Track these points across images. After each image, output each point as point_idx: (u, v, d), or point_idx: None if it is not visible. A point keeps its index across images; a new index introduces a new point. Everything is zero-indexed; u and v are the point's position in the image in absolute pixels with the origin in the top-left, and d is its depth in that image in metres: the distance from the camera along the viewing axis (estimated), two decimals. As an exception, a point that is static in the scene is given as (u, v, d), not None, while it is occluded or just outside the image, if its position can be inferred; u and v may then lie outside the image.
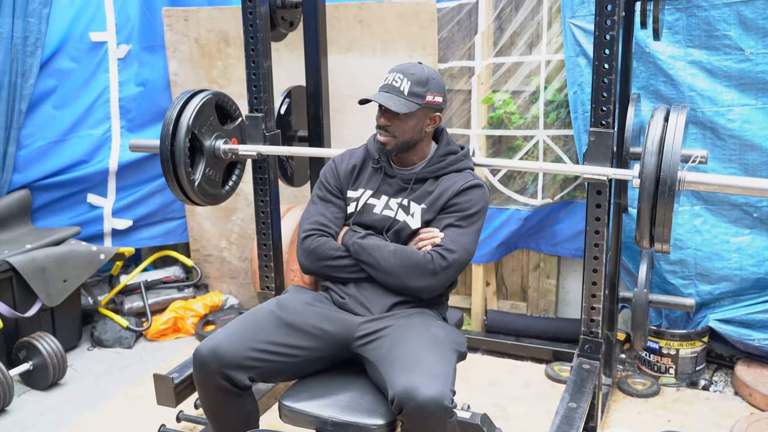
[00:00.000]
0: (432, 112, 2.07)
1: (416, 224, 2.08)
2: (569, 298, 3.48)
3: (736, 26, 2.73)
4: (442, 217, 2.07)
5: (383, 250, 2.04)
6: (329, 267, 2.10)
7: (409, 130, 2.04)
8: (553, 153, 3.19)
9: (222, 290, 3.92)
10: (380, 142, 2.07)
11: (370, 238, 2.09)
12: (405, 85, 2.01)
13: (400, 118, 2.02)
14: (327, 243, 2.11)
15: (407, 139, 2.06)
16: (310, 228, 2.15)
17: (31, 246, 3.20)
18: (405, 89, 2.00)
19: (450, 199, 2.07)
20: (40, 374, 3.03)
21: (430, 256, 2.02)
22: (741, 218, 2.91)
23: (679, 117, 1.97)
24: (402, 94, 2.00)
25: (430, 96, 2.03)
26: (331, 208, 2.19)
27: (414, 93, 2.01)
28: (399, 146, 2.07)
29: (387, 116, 2.04)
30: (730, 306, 2.98)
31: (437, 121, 2.09)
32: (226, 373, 1.90)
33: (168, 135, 2.47)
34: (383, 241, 2.08)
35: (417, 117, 2.04)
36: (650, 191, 1.93)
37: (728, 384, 3.01)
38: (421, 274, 2.02)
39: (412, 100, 2.00)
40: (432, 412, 1.70)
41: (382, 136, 2.06)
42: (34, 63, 3.38)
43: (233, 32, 3.53)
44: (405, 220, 2.09)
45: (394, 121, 2.03)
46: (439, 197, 2.08)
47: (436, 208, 2.08)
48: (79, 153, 3.56)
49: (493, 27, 3.18)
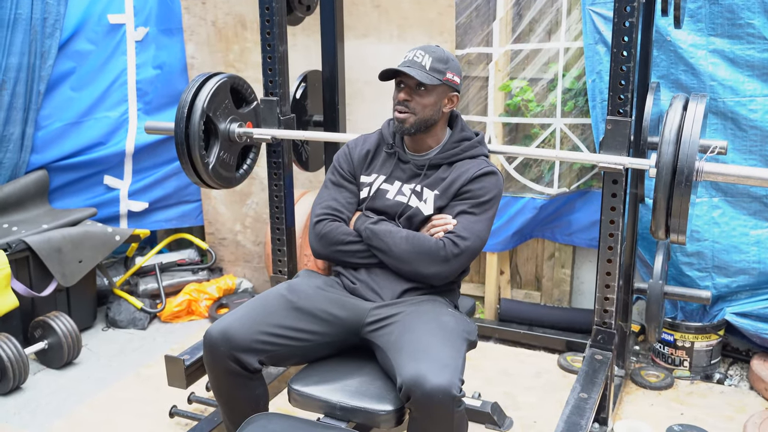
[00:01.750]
0: (450, 91, 2.06)
1: (429, 210, 2.07)
2: (583, 288, 3.45)
3: (761, 14, 2.67)
4: (455, 204, 2.06)
5: (395, 236, 2.04)
6: (340, 252, 2.10)
7: (429, 106, 2.03)
8: (570, 141, 3.15)
9: (236, 274, 3.93)
10: (399, 120, 2.05)
11: (383, 223, 2.08)
12: (427, 60, 2.01)
13: (420, 94, 2.01)
14: (339, 228, 2.11)
15: (426, 116, 2.04)
16: (322, 213, 2.15)
17: (48, 226, 3.23)
18: (427, 65, 2.00)
19: (463, 186, 2.05)
20: (54, 353, 3.07)
21: (442, 242, 2.01)
22: (761, 211, 2.86)
23: (698, 106, 1.94)
24: (424, 69, 2.00)
25: (450, 74, 2.03)
26: (344, 193, 2.18)
27: (435, 69, 2.01)
28: (417, 124, 2.04)
29: (407, 91, 2.03)
30: (748, 299, 2.93)
31: (455, 101, 2.09)
32: (235, 356, 1.90)
33: (183, 117, 2.47)
34: (395, 227, 2.07)
35: (437, 94, 2.03)
36: (667, 181, 1.90)
37: (744, 378, 2.97)
38: (433, 261, 2.01)
39: (434, 75, 2.00)
40: (439, 400, 1.69)
41: (401, 113, 2.04)
42: (52, 44, 3.40)
43: (250, 16, 3.52)
44: (418, 206, 2.08)
45: (414, 97, 2.02)
46: (452, 183, 2.07)
47: (449, 195, 2.07)
48: (96, 135, 3.59)
49: (512, 13, 3.14)
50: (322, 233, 2.12)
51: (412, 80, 2.01)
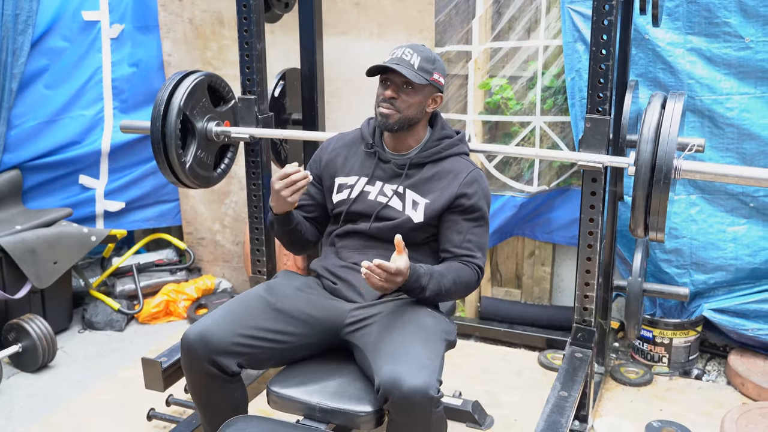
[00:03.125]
0: (435, 91, 2.06)
1: (419, 218, 2.04)
2: (564, 286, 3.46)
3: (737, 13, 2.69)
4: (460, 219, 2.04)
5: (447, 282, 1.98)
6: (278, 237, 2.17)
7: (414, 105, 2.01)
8: (549, 139, 3.16)
9: (215, 274, 3.90)
10: (382, 115, 2.02)
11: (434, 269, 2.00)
12: (415, 59, 1.99)
13: (407, 92, 2.00)
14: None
15: (410, 115, 2.02)
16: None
17: (21, 227, 3.17)
18: (415, 63, 1.99)
19: (457, 198, 2.03)
20: (29, 356, 3.01)
21: (476, 272, 2.02)
22: (737, 208, 2.88)
23: (676, 104, 1.94)
24: (412, 68, 1.98)
25: (436, 74, 2.03)
26: (303, 195, 2.19)
27: (423, 68, 2.00)
28: (400, 122, 2.02)
29: (394, 89, 2.01)
30: (725, 296, 2.96)
31: (438, 102, 2.08)
32: (214, 359, 1.88)
33: (159, 116, 2.43)
34: (441, 271, 1.99)
35: (423, 94, 2.02)
36: (645, 179, 1.91)
37: (721, 374, 3.00)
38: (469, 291, 2.06)
39: (422, 75, 1.99)
40: (417, 401, 1.68)
41: (386, 108, 2.01)
42: (25, 41, 3.33)
43: (228, 13, 3.48)
44: (405, 211, 2.05)
45: (400, 95, 2.00)
46: (443, 192, 2.04)
47: (443, 204, 2.03)
48: (71, 133, 3.53)
49: (491, 11, 3.14)
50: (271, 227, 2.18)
51: (399, 78, 1.99)
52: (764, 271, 2.88)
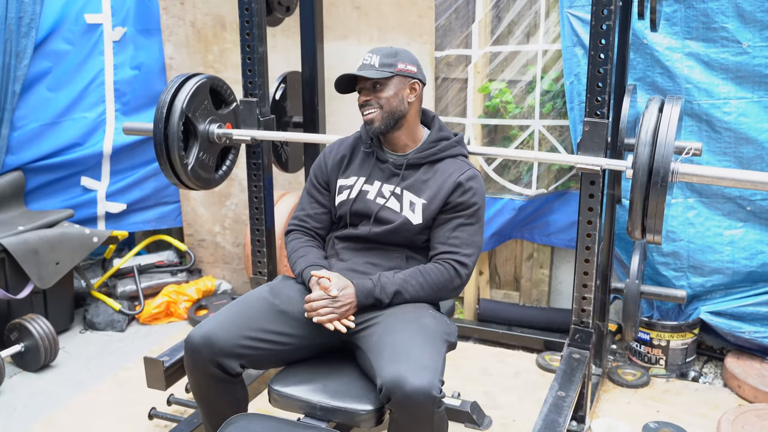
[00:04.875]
0: (408, 80, 2.08)
1: (418, 220, 2.06)
2: (562, 289, 3.49)
3: (734, 18, 2.72)
4: (450, 217, 2.06)
5: (410, 290, 2.01)
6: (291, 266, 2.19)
7: (391, 98, 2.05)
8: (548, 143, 3.19)
9: (215, 275, 3.91)
10: (367, 122, 2.07)
11: (389, 280, 2.02)
12: (375, 60, 2.05)
13: (378, 90, 2.04)
14: (293, 247, 2.19)
15: (392, 108, 2.05)
16: (292, 223, 2.25)
17: (24, 228, 3.19)
18: (376, 63, 2.05)
19: (450, 195, 2.05)
20: (31, 356, 3.03)
21: (452, 271, 2.02)
22: (734, 211, 2.91)
23: (673, 108, 1.97)
24: (373, 68, 2.04)
25: (401, 64, 2.06)
26: (313, 204, 2.24)
27: (385, 64, 2.05)
28: (385, 119, 2.05)
29: (366, 92, 2.06)
30: (722, 298, 2.98)
31: (417, 89, 2.09)
32: (218, 361, 1.90)
33: (162, 118, 2.46)
34: (404, 278, 2.02)
35: (394, 85, 2.05)
36: (643, 182, 1.93)
37: (718, 376, 3.02)
38: (449, 291, 2.05)
39: (384, 69, 2.04)
40: (420, 401, 1.70)
41: (367, 114, 2.06)
42: (28, 44, 3.36)
43: (230, 17, 3.51)
44: (402, 212, 2.07)
45: (372, 95, 2.05)
46: (438, 191, 2.06)
47: (438, 204, 2.06)
48: (73, 135, 3.55)
49: (491, 15, 3.17)
50: (286, 247, 2.22)
51: (367, 81, 2.05)
52: (761, 274, 2.90)
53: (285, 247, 2.25)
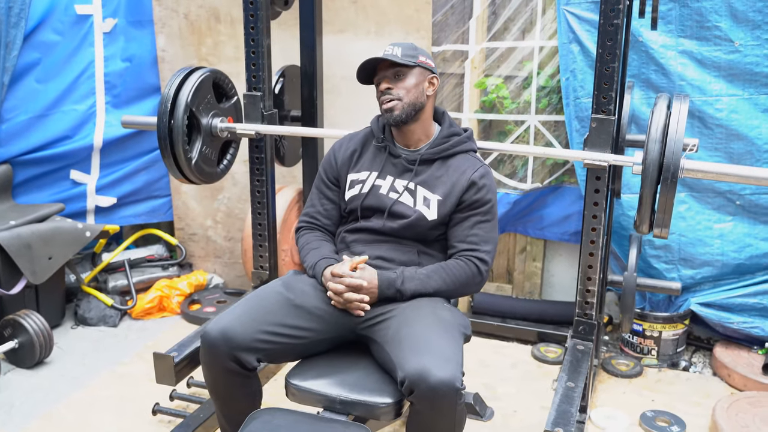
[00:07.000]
0: (428, 73, 2.11)
1: (433, 215, 2.08)
2: (554, 281, 3.54)
3: (727, 18, 2.79)
4: (467, 215, 2.09)
5: (433, 284, 2.04)
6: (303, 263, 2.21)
7: (412, 89, 2.07)
8: (543, 138, 3.23)
9: (207, 269, 3.89)
10: (387, 110, 2.07)
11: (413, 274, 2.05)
12: (397, 50, 2.07)
13: (400, 79, 2.06)
14: (304, 243, 2.21)
15: (412, 99, 2.07)
16: (302, 220, 2.27)
17: (16, 222, 3.13)
18: (398, 53, 2.06)
19: (465, 193, 2.08)
20: (26, 352, 2.99)
21: (474, 268, 2.06)
22: (724, 205, 2.99)
23: (682, 106, 2.02)
24: (397, 57, 2.06)
25: (422, 57, 2.10)
26: (323, 200, 2.25)
27: (407, 55, 2.07)
28: (406, 109, 2.06)
29: (387, 80, 2.07)
30: (711, 290, 3.07)
31: (435, 84, 2.13)
32: (235, 355, 1.90)
33: (166, 112, 2.44)
34: (427, 273, 2.05)
35: (415, 76, 2.08)
36: (653, 178, 1.97)
37: (707, 365, 3.11)
38: (473, 286, 2.09)
39: (408, 59, 2.06)
40: (444, 393, 1.72)
41: (387, 102, 2.07)
42: (17, 34, 3.29)
43: (224, 9, 3.47)
44: (416, 206, 2.09)
45: (395, 83, 2.06)
46: (453, 188, 2.08)
47: (453, 200, 2.08)
48: (62, 128, 3.49)
49: (488, 12, 3.20)
50: (297, 243, 2.25)
51: (389, 70, 2.06)
52: (749, 266, 2.99)
53: (296, 243, 2.26)
